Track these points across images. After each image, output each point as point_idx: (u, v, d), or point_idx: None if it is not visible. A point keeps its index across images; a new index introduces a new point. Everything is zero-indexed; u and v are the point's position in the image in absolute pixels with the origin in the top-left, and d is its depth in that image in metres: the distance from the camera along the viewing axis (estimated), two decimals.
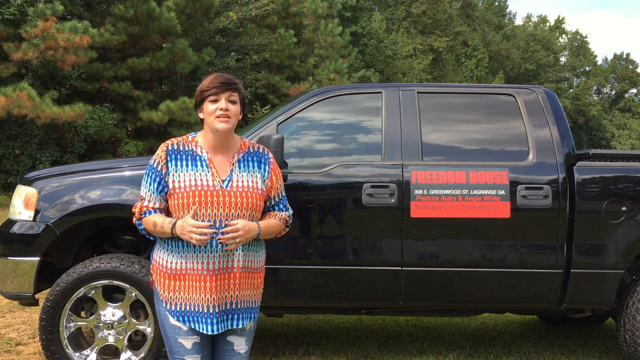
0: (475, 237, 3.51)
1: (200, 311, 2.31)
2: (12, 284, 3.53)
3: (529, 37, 53.34)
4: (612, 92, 60.52)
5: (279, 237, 2.59)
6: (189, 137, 2.45)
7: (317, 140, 3.74)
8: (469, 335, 4.73)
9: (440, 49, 36.32)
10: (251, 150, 2.48)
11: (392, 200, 3.48)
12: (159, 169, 2.36)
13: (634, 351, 3.60)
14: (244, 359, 2.46)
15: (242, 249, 2.35)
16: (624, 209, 3.53)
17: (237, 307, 2.37)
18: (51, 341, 3.38)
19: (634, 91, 60.02)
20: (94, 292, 3.43)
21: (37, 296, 3.60)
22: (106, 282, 3.40)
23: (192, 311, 2.32)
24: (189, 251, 2.31)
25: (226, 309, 2.35)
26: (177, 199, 2.31)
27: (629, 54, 71.84)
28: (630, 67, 59.49)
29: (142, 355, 3.43)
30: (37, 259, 3.48)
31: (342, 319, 5.07)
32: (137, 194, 3.31)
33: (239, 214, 2.32)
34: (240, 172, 2.39)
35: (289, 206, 2.58)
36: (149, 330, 3.43)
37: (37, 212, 3.49)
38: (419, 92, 3.76)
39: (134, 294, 3.41)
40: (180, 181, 2.32)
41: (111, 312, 3.44)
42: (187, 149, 2.39)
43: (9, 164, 15.34)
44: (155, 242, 2.47)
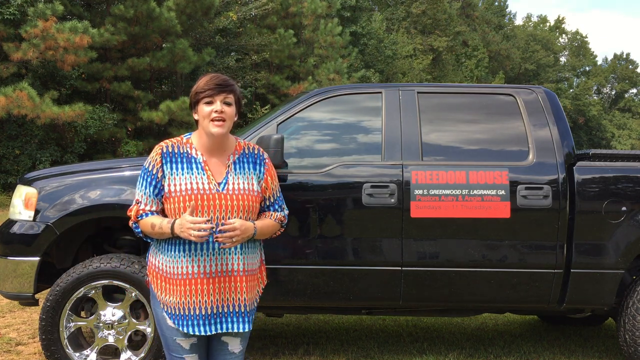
0: (475, 237, 3.51)
1: (192, 314, 2.31)
2: (12, 284, 3.53)
3: (529, 37, 53.35)
4: (612, 92, 60.53)
5: (274, 237, 2.59)
6: (184, 138, 2.43)
7: (317, 140, 3.74)
8: (469, 335, 4.73)
9: (440, 49, 36.32)
10: (246, 151, 2.46)
11: (392, 200, 3.48)
12: (154, 172, 2.34)
13: (634, 351, 3.60)
14: (238, 358, 2.46)
15: (242, 252, 2.35)
16: (624, 209, 3.53)
17: (232, 310, 2.35)
18: (51, 341, 3.38)
19: (634, 91, 60.08)
20: (94, 292, 3.43)
21: (37, 296, 3.60)
22: (106, 282, 3.40)
23: (185, 315, 2.31)
24: (185, 254, 2.29)
25: (224, 311, 2.34)
26: (173, 203, 2.30)
27: (629, 54, 71.95)
28: (630, 67, 59.52)
29: (142, 355, 3.43)
30: (37, 259, 3.48)
31: (342, 319, 5.07)
32: None
33: (235, 217, 2.30)
34: (235, 175, 2.37)
35: (284, 206, 2.57)
36: (148, 330, 3.43)
37: (37, 212, 3.49)
38: (419, 92, 3.76)
39: (133, 294, 3.42)
40: (176, 185, 2.31)
41: (111, 312, 3.44)
42: (182, 151, 2.37)
43: (9, 164, 15.33)
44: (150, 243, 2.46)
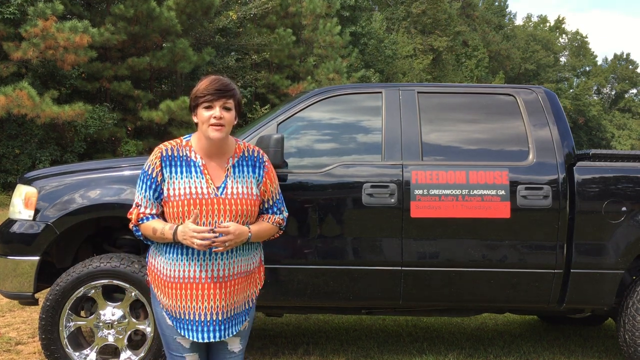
0: (475, 237, 3.51)
1: (196, 319, 2.29)
2: (12, 284, 3.53)
3: (529, 37, 53.38)
4: (612, 93, 60.55)
5: (273, 239, 2.57)
6: (183, 140, 2.41)
7: (317, 140, 3.74)
8: (469, 335, 4.73)
9: (440, 49, 36.31)
10: (246, 154, 2.44)
11: (392, 200, 3.48)
12: (154, 176, 2.33)
13: (634, 351, 3.60)
14: (238, 357, 2.46)
15: (238, 255, 2.34)
16: (624, 209, 3.53)
17: (232, 314, 2.35)
18: (51, 340, 3.38)
19: (634, 91, 60.10)
20: (93, 291, 3.42)
21: (37, 295, 3.60)
22: (106, 281, 3.40)
23: (187, 319, 2.30)
24: (184, 257, 2.29)
25: (225, 317, 2.33)
26: (172, 207, 2.29)
27: (629, 54, 72.03)
28: (630, 67, 59.56)
29: (142, 354, 3.43)
30: (37, 258, 3.48)
31: (342, 319, 5.07)
32: None
33: (233, 221, 2.29)
34: (234, 179, 2.35)
35: (284, 209, 2.54)
36: (148, 329, 3.43)
37: (37, 211, 3.49)
38: (419, 92, 3.76)
39: (133, 294, 3.41)
40: (175, 189, 2.30)
41: (111, 312, 3.44)
42: (181, 155, 2.35)
43: (9, 164, 15.32)
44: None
